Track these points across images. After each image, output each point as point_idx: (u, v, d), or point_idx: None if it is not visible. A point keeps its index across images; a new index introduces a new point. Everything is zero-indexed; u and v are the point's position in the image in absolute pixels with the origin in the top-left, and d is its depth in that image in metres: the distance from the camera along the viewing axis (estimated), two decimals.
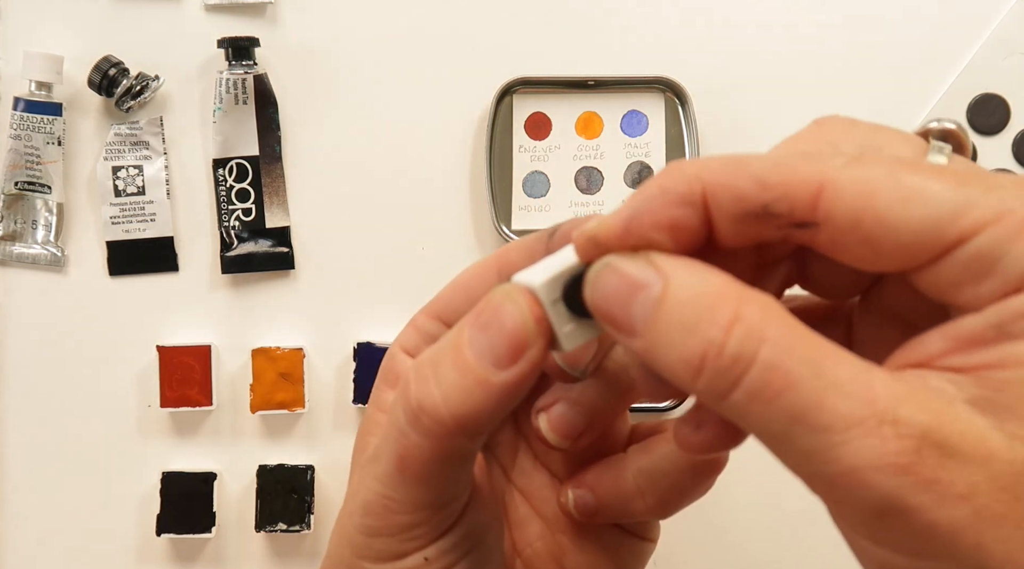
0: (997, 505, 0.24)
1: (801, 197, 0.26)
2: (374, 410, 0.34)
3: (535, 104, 0.63)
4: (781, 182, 0.27)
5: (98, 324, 0.64)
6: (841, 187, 0.26)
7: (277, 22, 0.64)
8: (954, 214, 0.25)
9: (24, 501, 0.64)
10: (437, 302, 0.34)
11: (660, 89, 0.62)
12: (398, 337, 0.35)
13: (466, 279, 0.34)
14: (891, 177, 0.25)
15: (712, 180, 0.27)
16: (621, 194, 0.62)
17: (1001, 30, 0.62)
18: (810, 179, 0.26)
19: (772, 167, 0.27)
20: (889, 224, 0.25)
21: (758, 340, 0.24)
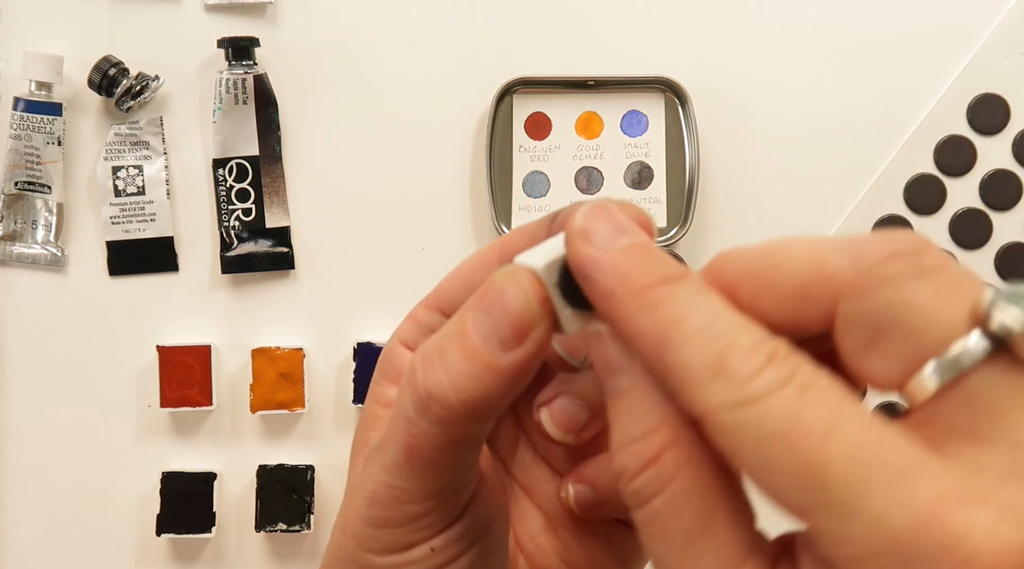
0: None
1: (691, 414, 0.25)
2: (373, 404, 0.34)
3: (535, 104, 0.63)
4: (675, 392, 0.25)
5: (98, 324, 0.64)
6: (715, 431, 0.24)
7: (277, 22, 0.64)
8: (801, 511, 0.23)
9: (24, 501, 0.64)
10: (436, 293, 0.34)
11: (660, 89, 0.62)
12: (397, 331, 0.34)
13: (467, 268, 0.34)
14: (766, 448, 0.23)
15: (633, 328, 0.25)
16: (621, 194, 0.62)
17: (1001, 30, 0.62)
18: (694, 408, 0.24)
19: (682, 367, 0.24)
20: (752, 480, 0.24)
21: (658, 489, 0.25)
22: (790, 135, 0.63)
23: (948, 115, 0.63)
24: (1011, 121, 0.62)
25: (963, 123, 0.62)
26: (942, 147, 0.62)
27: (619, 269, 0.26)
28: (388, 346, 0.34)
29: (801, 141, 0.63)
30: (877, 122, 0.64)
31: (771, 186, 0.64)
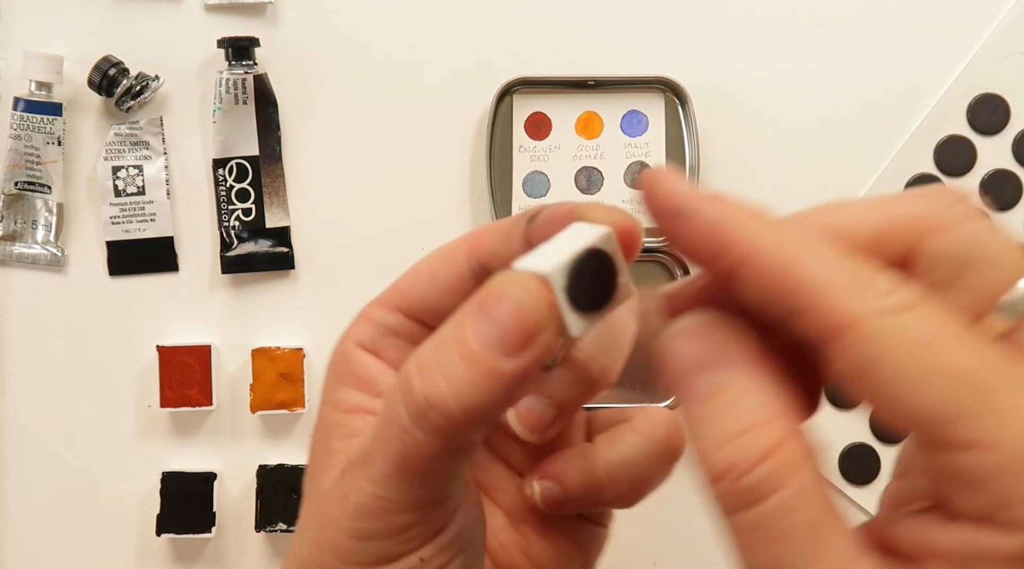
0: None
1: (824, 325, 0.25)
2: (332, 411, 0.32)
3: (535, 104, 0.63)
4: (810, 305, 0.25)
5: (98, 324, 0.64)
6: (863, 337, 0.24)
7: (277, 22, 0.64)
8: (949, 418, 0.24)
9: (24, 501, 0.64)
10: (394, 292, 0.33)
11: (660, 89, 0.62)
12: (349, 331, 0.32)
13: (429, 266, 0.33)
14: (914, 347, 0.24)
15: (756, 261, 0.26)
16: (621, 194, 0.62)
17: (1001, 30, 0.62)
18: (840, 313, 0.25)
19: (814, 285, 0.25)
20: (889, 397, 0.24)
21: (782, 481, 0.24)
22: (790, 135, 0.63)
23: (948, 115, 0.63)
24: (1011, 121, 0.62)
25: (963, 123, 0.62)
26: (942, 147, 0.62)
27: (726, 201, 0.26)
28: (341, 348, 0.32)
29: (801, 141, 0.63)
30: (877, 122, 0.64)
31: (771, 186, 0.64)
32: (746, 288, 0.25)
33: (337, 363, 0.32)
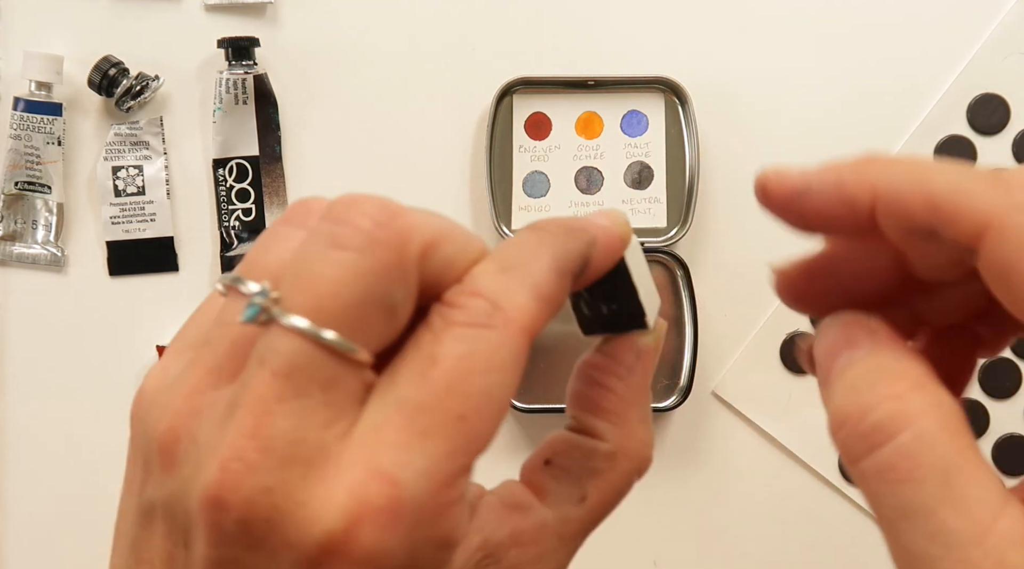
0: None
1: (967, 229, 0.26)
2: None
3: (535, 104, 0.63)
4: (952, 210, 0.27)
5: (98, 324, 0.64)
6: (1007, 233, 0.26)
7: (277, 22, 0.64)
8: None
9: (24, 501, 0.64)
10: (467, 450, 0.27)
11: (660, 89, 0.62)
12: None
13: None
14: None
15: (886, 193, 0.27)
16: (621, 194, 0.62)
17: (1001, 30, 0.62)
18: (981, 214, 0.26)
19: (950, 193, 0.27)
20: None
21: (905, 423, 0.25)
22: (790, 134, 0.64)
23: (948, 115, 0.63)
24: (1011, 121, 0.62)
25: (963, 123, 0.63)
26: (942, 147, 0.62)
27: (829, 167, 0.28)
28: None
29: (801, 141, 0.63)
30: (877, 122, 0.64)
31: None
32: (886, 224, 0.27)
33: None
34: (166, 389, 0.28)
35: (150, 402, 0.29)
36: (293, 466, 0.26)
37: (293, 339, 0.25)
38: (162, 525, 0.27)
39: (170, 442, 0.27)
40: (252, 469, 0.25)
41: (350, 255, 0.26)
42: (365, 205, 0.27)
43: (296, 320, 0.25)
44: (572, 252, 0.29)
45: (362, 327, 0.26)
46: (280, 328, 0.25)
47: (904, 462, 0.24)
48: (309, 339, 0.25)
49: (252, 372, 0.26)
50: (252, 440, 0.25)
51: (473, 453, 0.27)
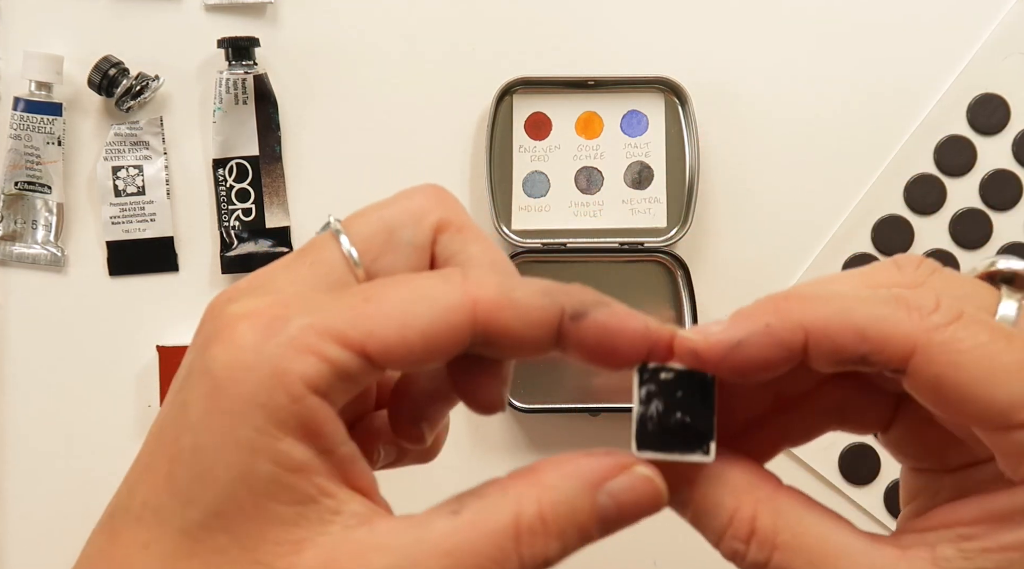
0: None
1: (896, 354, 0.30)
2: (271, 466, 0.27)
3: (535, 104, 0.63)
4: (880, 338, 0.31)
5: (98, 324, 0.64)
6: (932, 354, 0.30)
7: (277, 22, 0.64)
8: (1019, 405, 0.29)
9: (24, 501, 0.64)
10: (356, 326, 0.27)
11: (660, 89, 0.62)
12: (291, 362, 0.27)
13: (404, 310, 0.28)
14: (976, 352, 0.30)
15: (817, 330, 0.31)
16: (621, 194, 0.62)
17: (1001, 30, 0.62)
18: (906, 339, 0.30)
19: (874, 322, 0.31)
20: (965, 398, 0.30)
21: (770, 548, 0.31)
22: (790, 135, 0.63)
23: (948, 115, 0.63)
24: (1011, 121, 0.62)
25: (963, 123, 0.62)
26: (942, 147, 0.62)
27: (748, 313, 0.31)
28: (285, 384, 0.26)
29: (801, 141, 0.63)
30: (877, 122, 0.64)
31: (771, 186, 0.64)
32: (818, 358, 0.30)
33: (278, 402, 0.27)
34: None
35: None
36: (250, 290, 0.31)
37: (330, 240, 0.31)
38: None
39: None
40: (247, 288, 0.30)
41: (400, 198, 0.32)
42: (418, 190, 0.32)
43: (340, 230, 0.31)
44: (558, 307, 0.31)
45: (370, 249, 0.31)
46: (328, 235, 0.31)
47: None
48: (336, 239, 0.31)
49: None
50: (255, 277, 0.31)
51: (359, 331, 0.28)
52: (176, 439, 0.28)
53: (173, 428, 0.28)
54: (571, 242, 0.60)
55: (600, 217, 0.62)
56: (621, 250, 0.60)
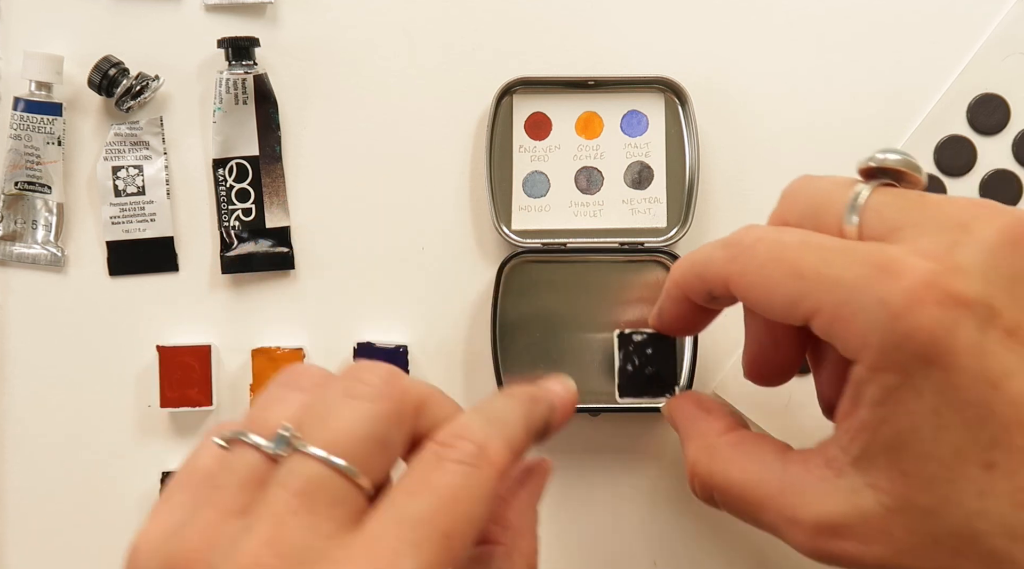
0: (887, 546, 0.36)
1: (719, 285, 0.42)
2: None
3: (535, 104, 0.63)
4: (707, 276, 0.43)
5: (98, 324, 0.64)
6: (734, 281, 0.41)
7: (277, 22, 0.64)
8: (794, 303, 0.38)
9: (24, 501, 0.64)
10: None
11: (660, 89, 0.62)
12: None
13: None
14: (760, 272, 0.39)
15: (684, 282, 0.45)
16: (621, 194, 0.62)
17: (1001, 30, 0.62)
18: (719, 273, 0.42)
19: (702, 266, 0.43)
20: (762, 307, 0.40)
21: (709, 488, 0.44)
22: (790, 134, 0.64)
23: (948, 115, 0.63)
24: (1011, 121, 0.62)
25: (963, 123, 0.62)
26: (942, 147, 0.62)
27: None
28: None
29: (801, 140, 0.63)
30: (877, 122, 0.64)
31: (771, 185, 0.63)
32: (696, 298, 0.45)
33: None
34: (176, 532, 0.34)
35: (155, 548, 0.35)
36: (302, 566, 0.31)
37: (312, 464, 0.32)
38: None
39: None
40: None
41: (363, 403, 0.34)
42: (377, 368, 0.36)
43: (315, 449, 0.33)
44: (537, 418, 0.39)
45: (366, 460, 0.33)
46: (301, 455, 0.33)
47: (733, 500, 0.43)
48: (325, 463, 0.32)
49: (272, 493, 0.32)
50: (269, 547, 0.31)
51: (451, 566, 0.33)
52: None
53: None
54: (571, 242, 0.60)
55: (600, 217, 0.61)
56: (621, 250, 0.60)
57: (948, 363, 0.34)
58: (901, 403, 0.35)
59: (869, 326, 0.35)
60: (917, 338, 0.34)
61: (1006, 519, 0.34)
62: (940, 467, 0.35)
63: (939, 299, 0.34)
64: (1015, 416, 0.34)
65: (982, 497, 0.35)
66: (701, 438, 0.45)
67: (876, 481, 0.36)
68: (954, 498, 0.35)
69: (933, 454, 0.35)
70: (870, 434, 0.37)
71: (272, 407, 0.36)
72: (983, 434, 0.34)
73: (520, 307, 0.60)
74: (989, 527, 0.35)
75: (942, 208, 0.38)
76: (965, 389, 0.34)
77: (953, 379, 0.34)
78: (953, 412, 0.35)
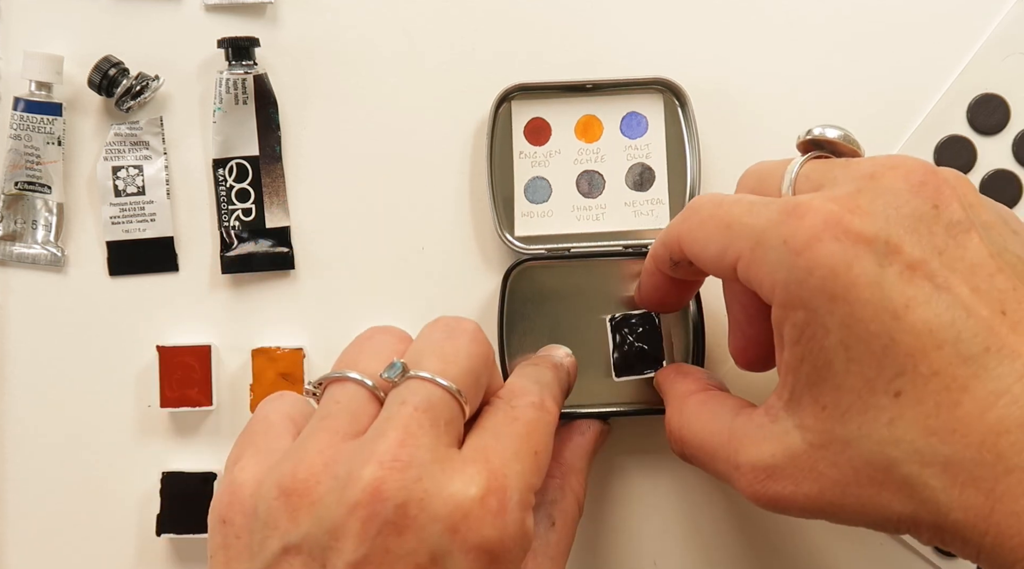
0: (815, 482, 0.39)
1: (677, 249, 0.46)
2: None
3: (534, 109, 0.62)
4: (668, 243, 0.47)
5: (98, 324, 0.64)
6: (683, 240, 0.45)
7: (277, 22, 0.64)
8: (723, 252, 0.42)
9: (24, 501, 0.64)
10: (538, 480, 0.43)
11: (658, 90, 0.62)
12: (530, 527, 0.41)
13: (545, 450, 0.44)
14: (701, 229, 0.44)
15: (653, 254, 0.50)
16: (623, 197, 0.62)
17: (1001, 30, 0.62)
18: (674, 236, 0.46)
19: (665, 235, 0.48)
20: (702, 261, 0.44)
21: (680, 442, 0.49)
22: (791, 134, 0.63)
23: (948, 115, 0.63)
24: (1011, 121, 0.62)
25: (963, 123, 0.63)
26: (942, 147, 0.62)
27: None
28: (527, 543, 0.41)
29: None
30: (877, 122, 0.64)
31: None
32: (672, 267, 0.49)
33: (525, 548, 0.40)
34: (284, 459, 0.39)
35: (262, 479, 0.39)
36: (433, 464, 0.36)
37: (429, 386, 0.39)
38: (297, 562, 0.36)
39: (306, 489, 0.36)
40: (406, 465, 0.36)
41: (464, 342, 0.41)
42: (466, 320, 0.43)
43: (432, 375, 0.39)
44: (564, 379, 0.50)
45: (468, 390, 0.40)
46: (418, 379, 0.39)
47: (692, 451, 0.48)
48: (440, 386, 0.39)
49: (395, 410, 0.38)
50: (402, 448, 0.36)
51: (539, 478, 0.41)
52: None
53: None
54: (575, 247, 0.60)
55: (603, 220, 0.61)
56: (626, 254, 0.60)
57: (850, 296, 0.37)
58: (814, 339, 0.38)
59: (776, 265, 0.38)
60: (817, 273, 0.37)
61: (916, 445, 0.36)
62: (853, 398, 0.37)
63: (836, 236, 0.37)
64: (918, 344, 0.36)
65: (892, 425, 0.37)
66: (676, 399, 0.50)
67: (803, 421, 0.39)
68: (866, 428, 0.37)
69: (845, 385, 0.37)
70: (793, 375, 0.39)
71: (364, 354, 0.42)
72: (889, 364, 0.36)
73: (526, 313, 0.60)
74: (901, 454, 0.37)
75: (860, 165, 0.41)
76: (868, 321, 0.36)
77: (856, 311, 0.37)
78: (860, 343, 0.37)
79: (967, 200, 0.39)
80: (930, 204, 0.38)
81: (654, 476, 0.62)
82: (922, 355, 0.36)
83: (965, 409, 0.36)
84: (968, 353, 0.36)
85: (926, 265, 0.37)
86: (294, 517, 0.36)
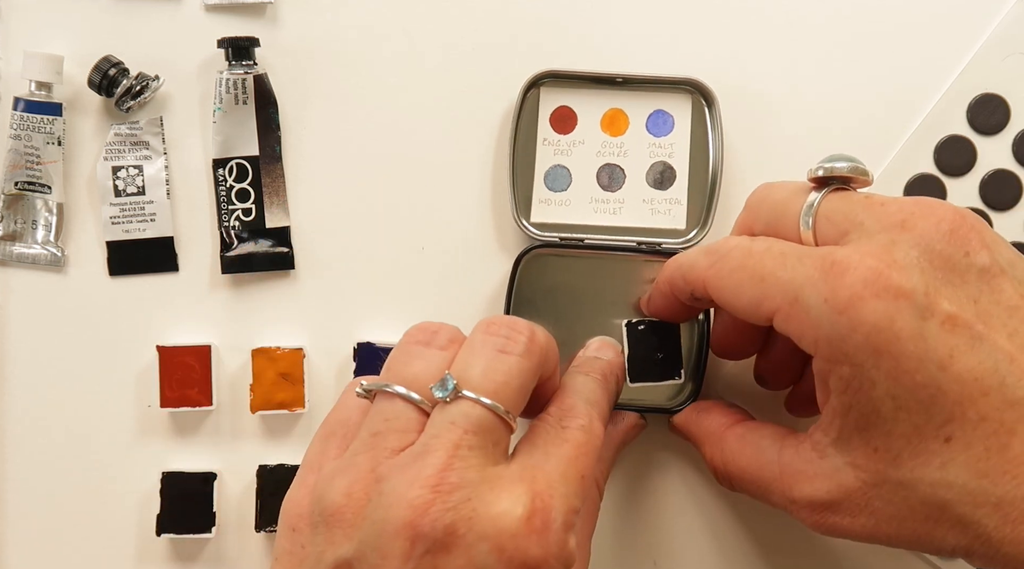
0: (870, 517, 0.42)
1: (699, 288, 0.47)
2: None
3: (562, 98, 0.62)
4: (689, 279, 0.48)
5: (98, 324, 0.64)
6: (710, 285, 0.46)
7: (277, 22, 0.64)
8: (757, 304, 0.43)
9: (24, 501, 0.64)
10: (580, 499, 0.42)
11: (687, 90, 0.62)
12: (571, 548, 0.40)
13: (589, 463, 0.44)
14: (731, 277, 0.44)
15: (670, 281, 0.50)
16: (642, 193, 0.61)
17: (1001, 30, 0.63)
18: (699, 277, 0.47)
19: (686, 269, 0.48)
20: (733, 308, 0.45)
21: (727, 478, 0.51)
22: (807, 138, 0.63)
23: (948, 115, 0.63)
24: (1011, 121, 0.62)
25: (963, 123, 0.63)
26: (942, 147, 0.63)
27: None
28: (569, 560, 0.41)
29: (805, 141, 0.63)
30: (877, 123, 0.64)
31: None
32: (682, 298, 0.51)
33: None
34: (332, 479, 0.40)
35: (325, 487, 0.40)
36: (482, 484, 0.38)
37: (479, 408, 0.39)
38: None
39: (357, 507, 0.38)
40: (455, 487, 0.37)
41: (515, 359, 0.41)
42: (518, 325, 0.43)
43: (483, 397, 0.39)
44: (612, 393, 0.50)
45: (516, 406, 0.41)
46: (470, 401, 0.39)
47: (745, 485, 0.50)
48: (490, 410, 0.40)
49: (444, 428, 0.39)
50: (450, 471, 0.37)
51: (582, 501, 0.41)
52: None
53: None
54: (589, 238, 0.60)
55: (620, 215, 0.61)
56: (639, 250, 0.59)
57: (894, 350, 0.39)
58: (860, 391, 0.40)
59: (817, 322, 0.40)
60: (861, 330, 0.39)
61: (968, 487, 0.38)
62: (904, 443, 0.39)
63: (877, 293, 0.38)
64: (965, 392, 0.38)
65: (944, 468, 0.39)
66: (709, 437, 0.52)
67: (854, 459, 0.41)
68: (919, 471, 0.39)
69: (895, 432, 0.39)
70: (841, 419, 0.41)
71: (412, 363, 0.42)
72: (937, 411, 0.39)
73: (534, 300, 0.60)
74: (954, 496, 0.39)
75: (885, 208, 0.42)
76: (914, 372, 0.38)
77: (902, 364, 0.38)
78: (907, 394, 0.39)
79: (989, 240, 0.41)
80: (962, 252, 0.40)
81: (654, 476, 0.62)
82: (969, 402, 0.38)
83: (1014, 451, 0.38)
84: (1014, 397, 0.38)
85: (964, 315, 0.39)
86: (347, 533, 0.38)
